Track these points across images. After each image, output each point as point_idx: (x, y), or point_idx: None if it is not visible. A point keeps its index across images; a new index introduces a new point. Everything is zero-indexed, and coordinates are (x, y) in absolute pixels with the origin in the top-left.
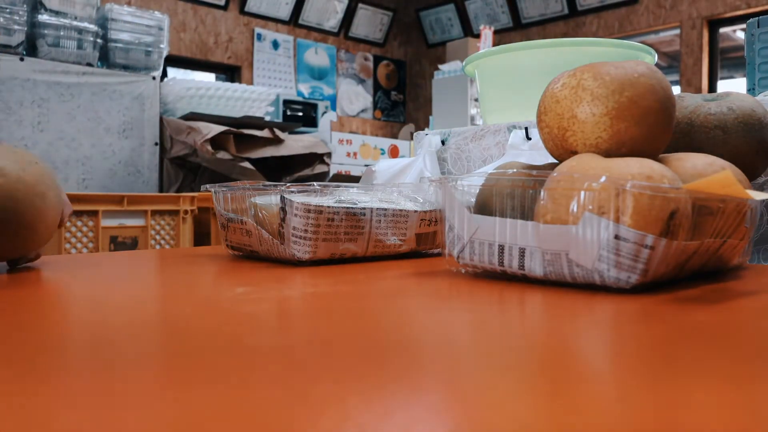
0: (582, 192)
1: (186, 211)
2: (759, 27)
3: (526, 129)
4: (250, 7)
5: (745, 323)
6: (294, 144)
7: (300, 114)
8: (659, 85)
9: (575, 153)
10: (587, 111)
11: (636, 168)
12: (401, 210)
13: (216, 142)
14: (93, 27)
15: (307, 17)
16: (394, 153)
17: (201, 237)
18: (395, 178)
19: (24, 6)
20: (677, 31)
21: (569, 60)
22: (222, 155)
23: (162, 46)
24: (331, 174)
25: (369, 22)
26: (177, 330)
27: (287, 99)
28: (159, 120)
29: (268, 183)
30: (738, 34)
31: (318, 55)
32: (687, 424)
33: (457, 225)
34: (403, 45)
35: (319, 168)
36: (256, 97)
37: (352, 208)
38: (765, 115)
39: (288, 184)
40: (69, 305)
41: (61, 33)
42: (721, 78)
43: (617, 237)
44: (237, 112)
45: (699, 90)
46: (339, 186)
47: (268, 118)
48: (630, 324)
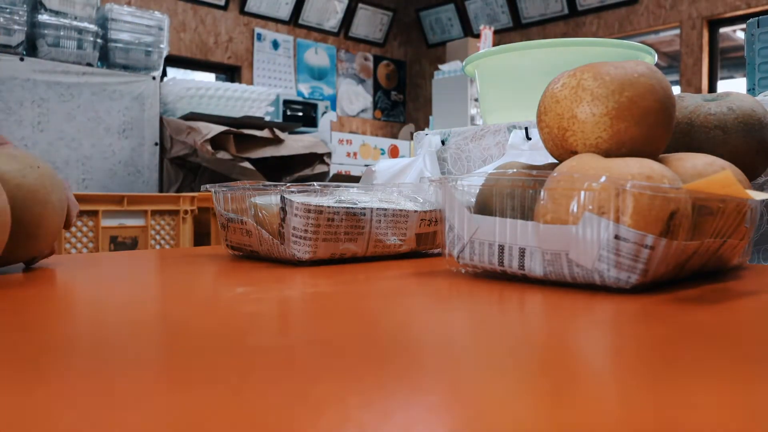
0: (582, 192)
1: (186, 211)
2: (759, 27)
3: (526, 129)
4: (250, 7)
5: (745, 323)
6: (294, 144)
7: (300, 114)
8: (659, 85)
9: (575, 153)
10: (587, 111)
11: (636, 168)
12: (401, 210)
13: (216, 142)
14: (93, 27)
15: (307, 17)
16: (394, 153)
17: (201, 237)
18: (395, 178)
19: (24, 6)
20: (677, 31)
21: (569, 60)
22: (222, 155)
23: (162, 46)
24: (331, 174)
25: (369, 22)
26: (177, 330)
27: (287, 99)
28: (159, 120)
29: (268, 183)
30: (738, 34)
31: (318, 55)
32: (687, 424)
33: (457, 225)
34: (403, 45)
35: (319, 168)
36: (256, 97)
37: (352, 208)
38: (765, 115)
39: (288, 184)
40: (69, 305)
41: (61, 33)
42: (721, 78)
43: (617, 237)
44: (237, 112)
45: (699, 90)
46: (339, 186)
47: (268, 118)
48: (630, 324)
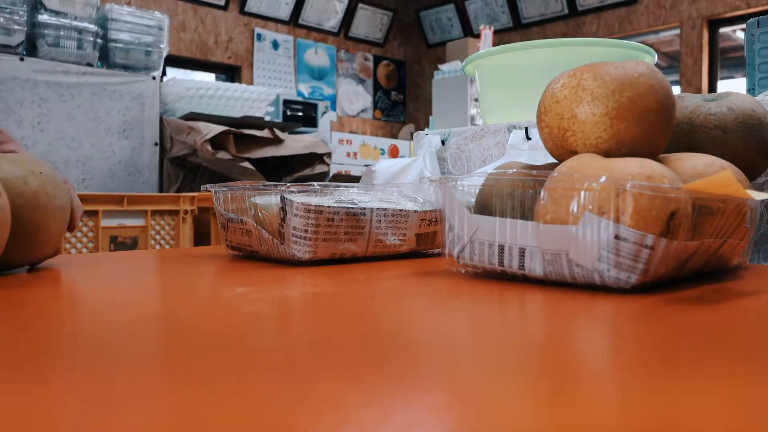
0: (582, 192)
1: (186, 211)
2: (759, 27)
3: (526, 129)
4: (250, 7)
5: (745, 323)
6: (294, 144)
7: (300, 114)
8: (659, 85)
9: (575, 153)
10: (587, 111)
11: (636, 168)
12: (401, 210)
13: (216, 142)
14: (93, 27)
15: (307, 17)
16: (394, 153)
17: (201, 237)
18: (395, 178)
19: (24, 6)
20: (677, 31)
21: (569, 60)
22: (222, 155)
23: (162, 46)
24: (331, 174)
25: (369, 22)
26: (177, 330)
27: (287, 99)
28: (159, 120)
29: (268, 183)
30: (738, 34)
31: (318, 55)
32: (687, 424)
33: (457, 225)
34: (403, 45)
35: (319, 168)
36: (256, 97)
37: (352, 208)
38: (765, 115)
39: (288, 184)
40: (69, 305)
41: (61, 33)
42: (721, 78)
43: (617, 237)
44: (237, 112)
45: (699, 90)
46: (339, 186)
47: (268, 118)
48: (630, 324)
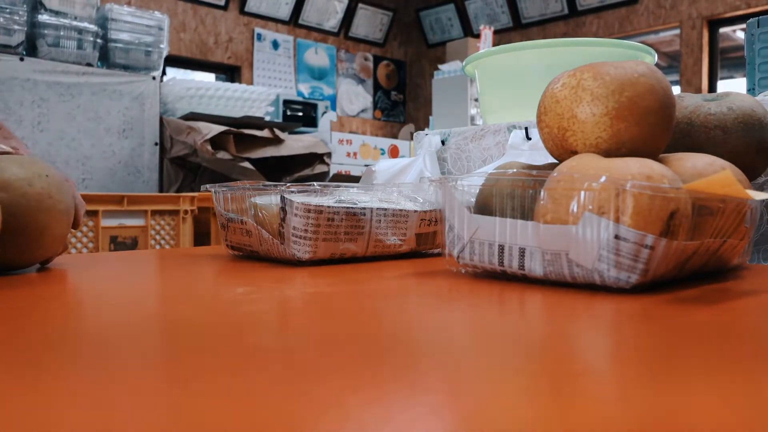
0: (582, 192)
1: (186, 211)
2: (759, 27)
3: (526, 129)
4: (250, 7)
5: (745, 323)
6: (294, 144)
7: (300, 114)
8: (659, 85)
9: (575, 153)
10: (587, 111)
11: (636, 168)
12: (401, 210)
13: (216, 142)
14: (93, 27)
15: (307, 17)
16: (394, 153)
17: (201, 237)
18: (395, 178)
19: (24, 6)
20: (677, 31)
21: (569, 60)
22: (222, 155)
23: (162, 46)
24: (331, 174)
25: (369, 22)
26: (177, 330)
27: (287, 99)
28: (159, 120)
29: (268, 183)
30: (738, 34)
31: (318, 55)
32: (687, 423)
33: (457, 225)
34: (403, 45)
35: (319, 168)
36: (256, 97)
37: (352, 208)
38: (765, 115)
39: (288, 184)
40: (69, 305)
41: (61, 33)
42: (721, 78)
43: (617, 237)
44: (237, 112)
45: (699, 90)
46: (339, 186)
47: (268, 118)
48: (630, 324)
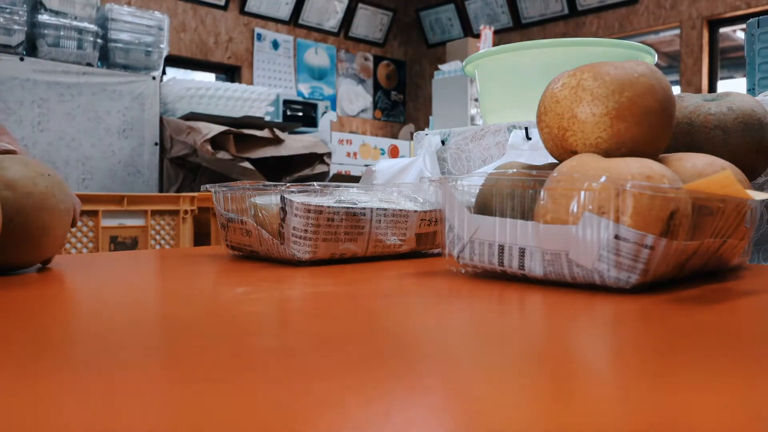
0: (582, 192)
1: (186, 211)
2: (759, 27)
3: (526, 129)
4: (250, 7)
5: (745, 323)
6: (294, 144)
7: (300, 114)
8: (659, 85)
9: (575, 153)
10: (587, 111)
11: (636, 168)
12: (401, 210)
13: (216, 142)
14: (93, 27)
15: (307, 17)
16: (394, 153)
17: (201, 237)
18: (395, 178)
19: (24, 6)
20: (677, 31)
21: (569, 60)
22: (222, 155)
23: (162, 46)
24: (331, 174)
25: (369, 22)
26: (177, 330)
27: (287, 99)
28: (159, 120)
29: (268, 183)
30: (738, 34)
31: (318, 55)
32: (687, 423)
33: (457, 225)
34: (403, 45)
35: (319, 168)
36: (256, 97)
37: (352, 208)
38: (765, 115)
39: (288, 184)
40: (69, 305)
41: (61, 33)
42: (721, 78)
43: (617, 237)
44: (237, 112)
45: (699, 90)
46: (339, 186)
47: (268, 118)
48: (630, 324)
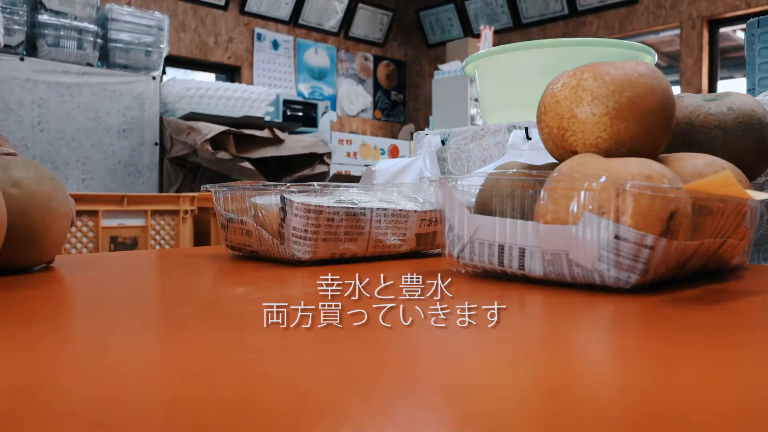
0: (582, 192)
1: (186, 211)
2: (759, 27)
3: (526, 129)
4: (250, 7)
5: (745, 323)
6: (294, 144)
7: (300, 114)
8: (659, 86)
9: (575, 153)
10: (587, 111)
11: (636, 168)
12: (401, 210)
13: (216, 142)
14: (93, 27)
15: (307, 17)
16: (394, 153)
17: (201, 237)
18: (395, 178)
19: (24, 6)
20: (677, 31)
21: (569, 60)
22: (222, 155)
23: (162, 46)
24: (331, 174)
25: (369, 22)
26: (177, 330)
27: (287, 99)
28: (159, 120)
29: (268, 183)
30: (738, 34)
31: (318, 55)
32: (687, 423)
33: (457, 225)
34: (403, 45)
35: (319, 168)
36: (256, 97)
37: (352, 208)
38: (765, 115)
39: (288, 184)
40: (69, 306)
41: (61, 33)
42: (721, 78)
43: (617, 237)
44: (237, 112)
45: (699, 90)
46: (339, 186)
47: (268, 118)
48: (630, 324)
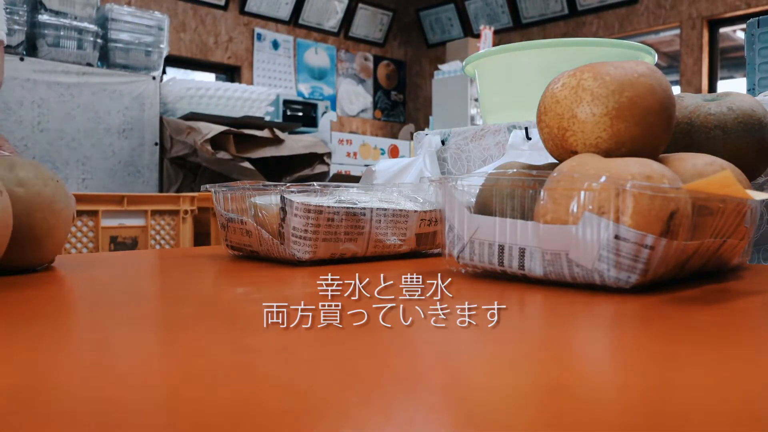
0: (582, 192)
1: (186, 211)
2: (759, 27)
3: (526, 129)
4: (250, 7)
5: (745, 323)
6: (294, 144)
7: (300, 114)
8: (659, 86)
9: (575, 153)
10: (587, 111)
11: (636, 168)
12: (401, 210)
13: (216, 142)
14: (93, 27)
15: (307, 17)
16: (394, 153)
17: (201, 237)
18: (395, 178)
19: (24, 6)
20: (677, 31)
21: (569, 60)
22: (222, 155)
23: (162, 46)
24: (331, 174)
25: (369, 22)
26: (177, 330)
27: (287, 99)
28: (159, 120)
29: (268, 183)
30: (738, 34)
31: (318, 55)
32: (687, 423)
33: (457, 225)
34: (403, 45)
35: (319, 168)
36: (256, 97)
37: (352, 208)
38: (765, 115)
39: (288, 184)
40: (69, 306)
41: (61, 33)
42: (721, 78)
43: (617, 237)
44: (237, 112)
45: (699, 90)
46: (339, 186)
47: (268, 118)
48: (630, 324)
